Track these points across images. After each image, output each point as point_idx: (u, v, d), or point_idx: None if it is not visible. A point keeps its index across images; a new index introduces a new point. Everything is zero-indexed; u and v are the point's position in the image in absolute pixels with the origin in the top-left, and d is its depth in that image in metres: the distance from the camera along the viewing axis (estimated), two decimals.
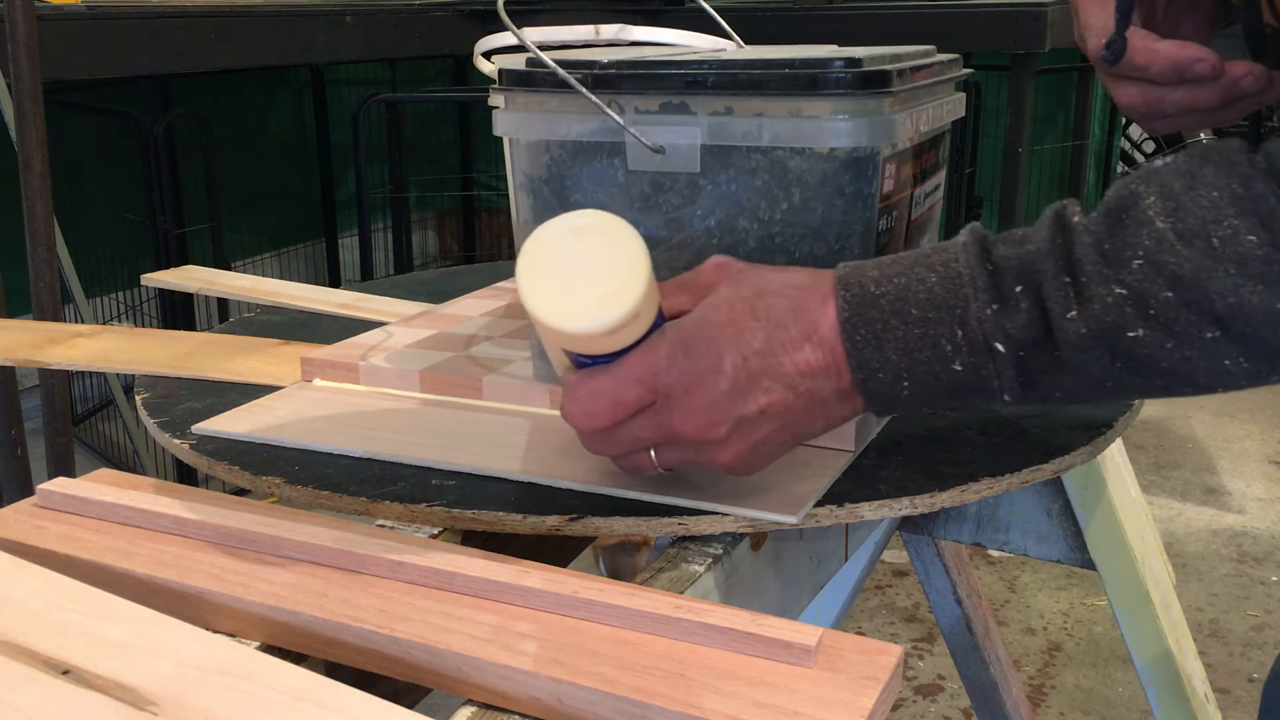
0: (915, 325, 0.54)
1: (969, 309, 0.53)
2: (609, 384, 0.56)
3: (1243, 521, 2.43)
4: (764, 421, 0.56)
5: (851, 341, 0.55)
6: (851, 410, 0.57)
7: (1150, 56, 0.68)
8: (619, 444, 0.58)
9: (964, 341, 0.53)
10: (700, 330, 0.56)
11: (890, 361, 0.55)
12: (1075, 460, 0.67)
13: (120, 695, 0.45)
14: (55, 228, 1.54)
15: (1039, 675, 1.93)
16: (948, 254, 0.55)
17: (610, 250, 0.53)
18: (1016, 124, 2.94)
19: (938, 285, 0.54)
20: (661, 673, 0.47)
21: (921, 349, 0.54)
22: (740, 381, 0.55)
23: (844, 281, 0.56)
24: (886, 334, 0.54)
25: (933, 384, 0.55)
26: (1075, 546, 0.88)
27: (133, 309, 2.78)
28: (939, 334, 0.54)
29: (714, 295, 0.58)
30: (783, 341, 0.55)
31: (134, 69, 2.23)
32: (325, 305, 1.03)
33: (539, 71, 0.69)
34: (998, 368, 0.53)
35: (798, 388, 0.56)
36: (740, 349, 0.55)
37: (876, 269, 0.56)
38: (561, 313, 0.52)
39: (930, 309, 0.54)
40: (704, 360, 0.55)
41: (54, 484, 0.64)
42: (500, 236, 3.97)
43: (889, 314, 0.54)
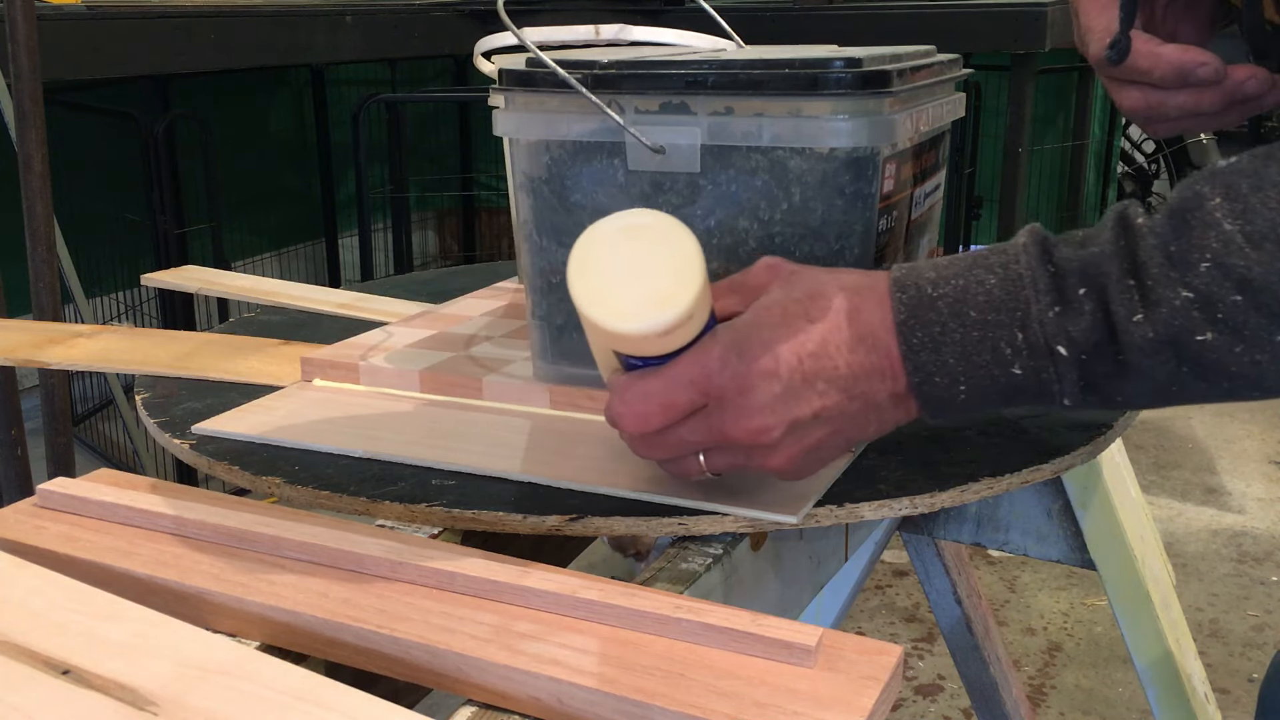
0: (974, 328, 0.53)
1: (1030, 311, 0.52)
2: (660, 386, 0.55)
3: (1243, 521, 2.43)
4: (817, 425, 0.55)
5: (908, 344, 0.54)
6: (905, 414, 0.57)
7: (1153, 60, 0.68)
8: (668, 448, 0.57)
9: (1024, 344, 0.53)
10: (754, 332, 0.55)
11: (947, 365, 0.54)
12: (1075, 460, 0.67)
13: (120, 695, 0.45)
14: (55, 228, 1.54)
15: (1039, 675, 1.93)
16: (1007, 255, 0.54)
17: (664, 249, 0.52)
18: (1016, 124, 2.94)
19: (997, 287, 0.53)
20: (661, 673, 0.47)
21: (980, 352, 0.53)
22: (795, 384, 0.54)
23: (900, 283, 0.55)
24: (944, 337, 0.54)
25: (990, 388, 0.54)
26: (1075, 546, 0.88)
27: (133, 309, 2.78)
28: (998, 337, 0.53)
29: (766, 296, 0.57)
30: (838, 344, 0.55)
31: (134, 69, 2.23)
32: (325, 305, 1.03)
33: (539, 71, 0.69)
34: (1059, 371, 0.53)
35: (852, 390, 0.55)
36: (795, 351, 0.54)
37: (933, 270, 0.55)
38: (615, 313, 0.51)
39: (990, 311, 0.53)
40: (758, 362, 0.54)
41: (54, 484, 0.64)
42: (500, 236, 3.97)
43: (947, 316, 0.54)
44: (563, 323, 0.74)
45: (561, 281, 0.73)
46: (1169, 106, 0.70)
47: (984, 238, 3.47)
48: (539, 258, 0.73)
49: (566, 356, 0.75)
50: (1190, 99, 0.69)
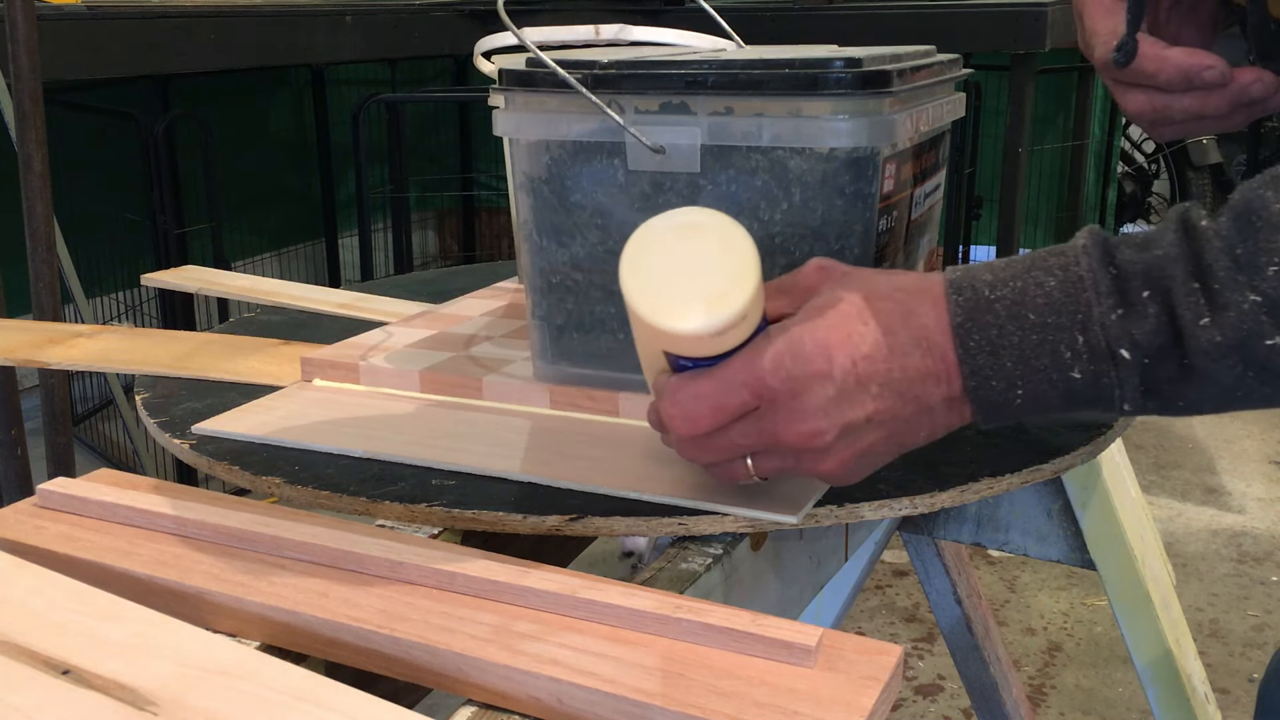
0: (1033, 331, 0.52)
1: (1091, 314, 0.51)
2: (712, 388, 0.54)
3: (1243, 521, 2.43)
4: (870, 429, 0.55)
5: (964, 347, 0.53)
6: (959, 419, 0.56)
7: (1159, 64, 0.68)
8: (717, 451, 0.57)
9: (1085, 348, 0.52)
10: (807, 333, 0.54)
11: (1005, 369, 0.53)
12: (1075, 460, 0.67)
13: (120, 695, 0.45)
14: (55, 228, 1.54)
15: (1039, 675, 1.93)
16: (1066, 257, 0.53)
17: (718, 248, 0.51)
18: (1016, 124, 2.94)
19: (1057, 289, 0.52)
20: (661, 673, 0.47)
21: (1039, 356, 0.52)
22: (848, 387, 0.54)
23: (956, 285, 0.54)
24: (1002, 340, 0.53)
25: (1048, 392, 0.53)
26: (1075, 546, 0.88)
27: (133, 309, 2.78)
28: (1058, 340, 0.52)
29: (818, 298, 0.56)
30: (891, 346, 0.54)
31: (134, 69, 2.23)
32: (325, 305, 1.03)
33: (539, 71, 0.69)
34: (1120, 376, 0.52)
35: (906, 395, 0.54)
36: (849, 353, 0.54)
37: (989, 272, 0.54)
38: (668, 313, 0.50)
39: (1049, 314, 0.52)
40: (812, 364, 0.53)
41: (54, 484, 0.64)
42: (500, 236, 3.97)
43: (1005, 319, 0.53)
44: (563, 323, 0.74)
45: (561, 281, 0.73)
46: (1174, 110, 0.70)
47: (984, 238, 3.47)
48: (539, 258, 0.73)
49: (566, 356, 0.75)
50: (1196, 102, 0.69)
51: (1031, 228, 3.63)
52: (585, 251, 0.72)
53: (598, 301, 0.72)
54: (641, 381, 0.73)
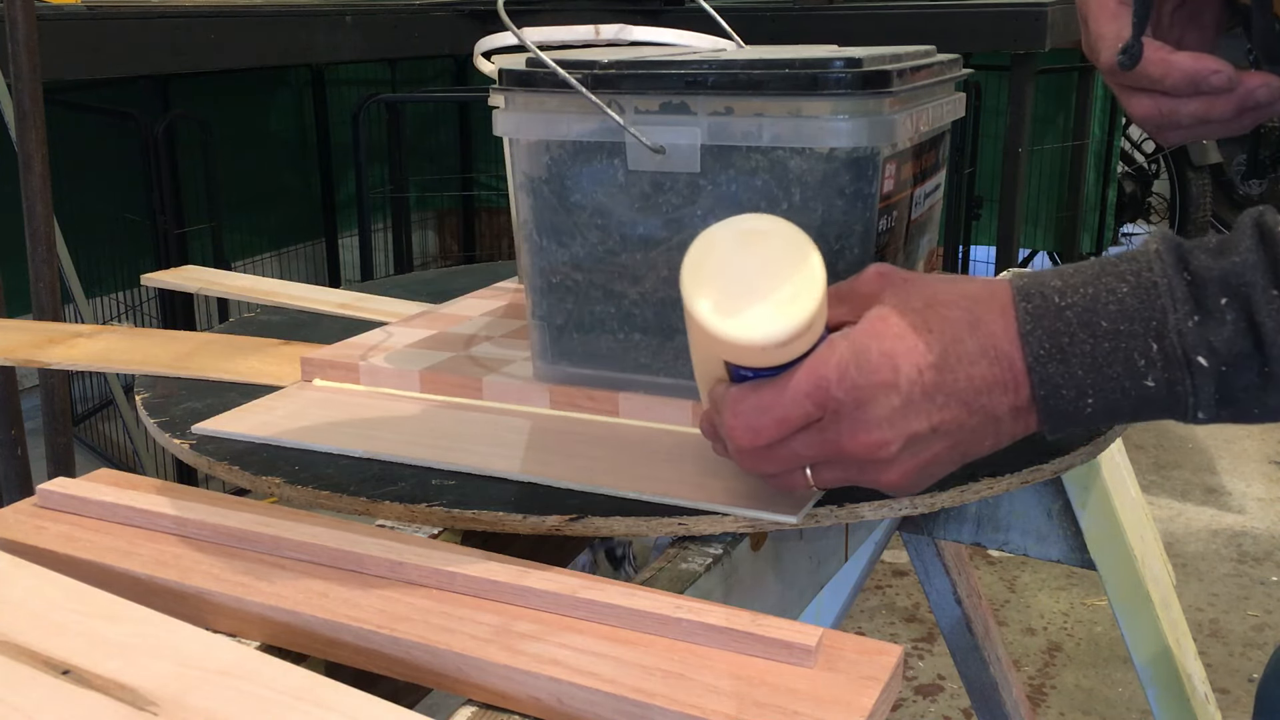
0: (1105, 338, 0.51)
1: (1167, 321, 0.50)
2: (776, 398, 0.53)
3: (1243, 521, 2.43)
4: (935, 440, 0.54)
5: (1034, 356, 0.52)
6: (1024, 428, 0.55)
7: (1165, 68, 0.68)
8: (777, 462, 0.56)
9: (1159, 356, 0.51)
10: (871, 342, 0.53)
11: (1076, 377, 0.52)
12: (1075, 460, 0.67)
13: (120, 695, 0.45)
14: (55, 228, 1.53)
15: (1039, 675, 1.93)
16: (1139, 263, 0.52)
17: (783, 255, 0.50)
18: (1016, 124, 2.94)
19: (1130, 296, 0.51)
20: (661, 673, 0.47)
21: (1111, 364, 0.51)
22: (914, 397, 0.53)
23: (1024, 292, 0.53)
24: (1073, 348, 0.52)
25: (1120, 401, 0.52)
26: (1075, 546, 0.88)
27: (133, 309, 2.78)
28: (1131, 348, 0.51)
29: (880, 306, 0.55)
30: (958, 355, 0.53)
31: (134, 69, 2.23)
32: (325, 305, 1.03)
33: (539, 71, 0.69)
34: (1196, 384, 0.51)
35: (972, 404, 0.53)
36: (914, 362, 0.53)
37: (1058, 279, 0.53)
38: (733, 323, 0.49)
39: (1122, 321, 0.51)
40: (877, 375, 0.52)
41: (54, 484, 0.64)
42: (500, 236, 3.97)
43: (1076, 327, 0.52)
44: (563, 323, 0.74)
45: (561, 281, 0.73)
46: (1180, 114, 0.70)
47: (984, 238, 3.47)
48: (539, 258, 0.73)
49: (566, 356, 0.75)
50: (1202, 106, 0.69)
51: (1031, 228, 3.63)
52: (585, 251, 0.72)
53: (598, 301, 0.72)
54: (641, 382, 0.73)
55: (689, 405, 0.71)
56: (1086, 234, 3.67)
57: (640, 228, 0.70)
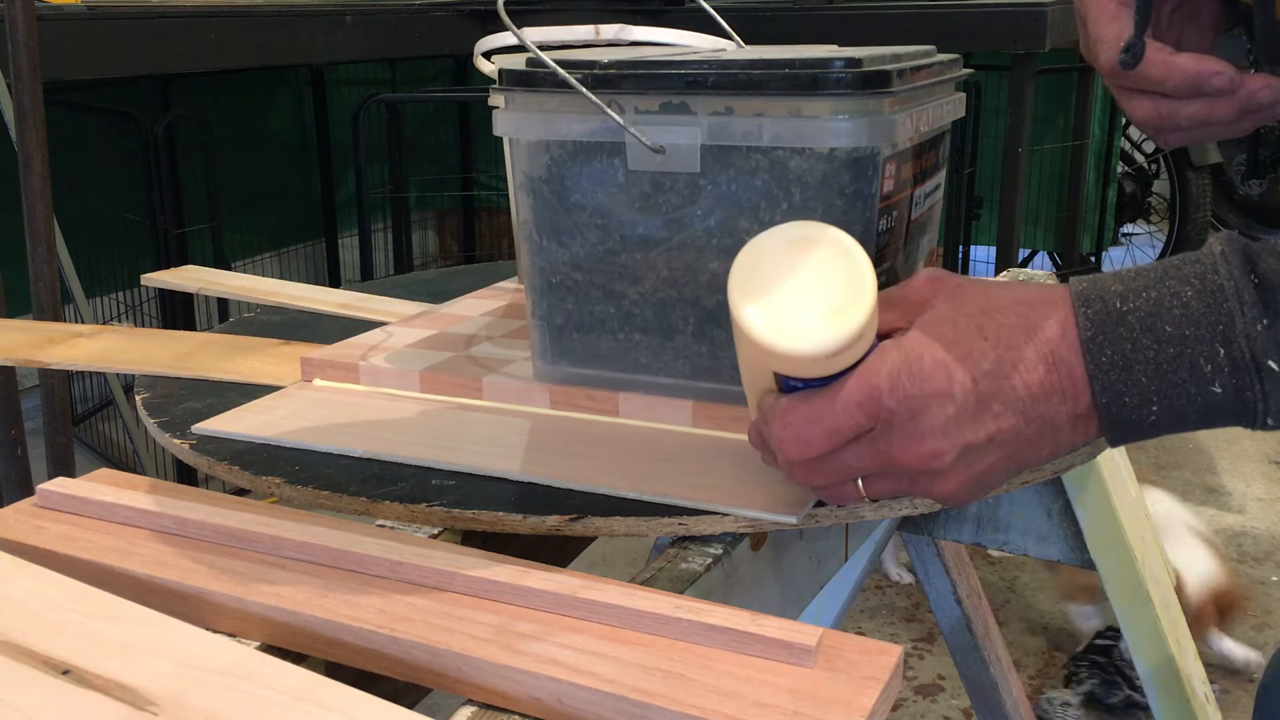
0: (1170, 344, 0.50)
1: (1234, 325, 0.49)
2: (826, 409, 0.52)
3: (1243, 521, 2.43)
4: (991, 450, 0.53)
5: (1096, 363, 0.51)
6: (1084, 436, 0.53)
7: (1167, 70, 0.67)
8: (828, 474, 0.54)
9: (1226, 361, 0.49)
10: (924, 350, 0.52)
11: (1139, 385, 0.50)
12: (1075, 460, 0.67)
13: (120, 695, 0.45)
14: (55, 228, 1.54)
15: (1039, 675, 1.93)
16: (1203, 265, 0.51)
17: (832, 264, 0.49)
18: (1016, 124, 2.94)
19: (1195, 299, 0.50)
20: (661, 673, 0.47)
21: (1177, 370, 0.50)
22: (969, 406, 0.51)
23: (1084, 297, 0.52)
24: (1136, 354, 0.50)
25: (1185, 408, 0.51)
26: (1075, 546, 0.88)
27: (133, 309, 2.78)
28: (1197, 353, 0.49)
29: (932, 312, 0.54)
30: (1014, 362, 0.51)
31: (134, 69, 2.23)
32: (325, 305, 1.03)
33: (539, 71, 0.69)
34: (1266, 389, 0.49)
35: (1030, 413, 0.52)
36: (969, 370, 0.51)
37: (1119, 283, 0.52)
38: (783, 333, 0.49)
39: (1188, 325, 0.50)
40: (931, 383, 0.51)
41: (54, 484, 0.64)
42: (500, 236, 3.98)
43: (1139, 332, 0.50)
44: (563, 323, 0.74)
45: (561, 281, 0.73)
46: (1181, 116, 0.69)
47: (984, 238, 3.47)
48: (539, 258, 0.73)
49: (566, 356, 0.75)
50: (1203, 109, 0.68)
51: (1031, 228, 3.63)
52: (585, 251, 0.72)
53: (598, 301, 0.72)
54: (641, 382, 0.73)
55: (689, 405, 0.71)
56: (1086, 234, 3.67)
57: (640, 228, 0.70)
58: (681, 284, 0.70)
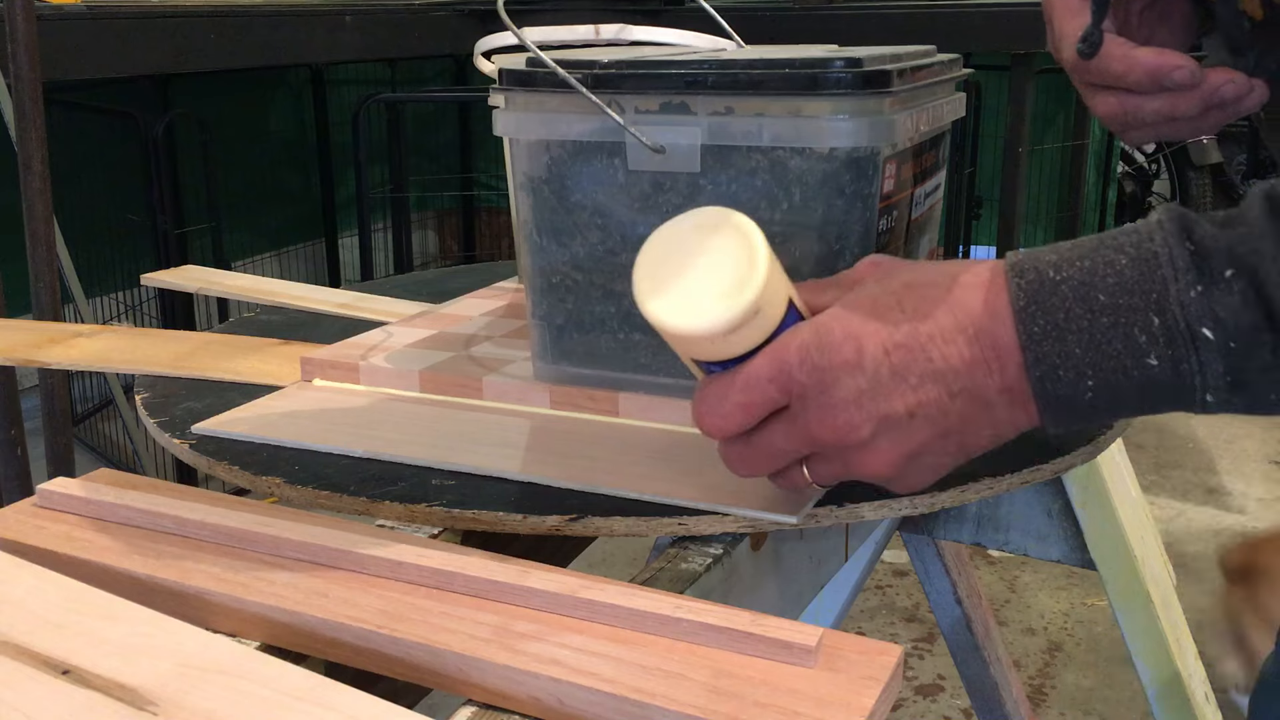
0: (1103, 313, 0.48)
1: (1168, 292, 0.47)
2: (736, 385, 0.52)
3: (1243, 521, 2.43)
4: (916, 425, 0.52)
5: (1028, 333, 0.49)
6: (1025, 417, 0.52)
7: (1128, 64, 0.66)
8: (761, 455, 0.54)
9: (1161, 330, 0.47)
10: (836, 322, 0.52)
11: (1073, 356, 0.49)
12: (1075, 460, 0.67)
13: (120, 695, 0.45)
14: (55, 228, 1.54)
15: (1039, 675, 1.93)
16: (1139, 234, 0.49)
17: (728, 246, 0.50)
18: (1016, 124, 2.94)
19: (1129, 267, 0.48)
20: (661, 673, 0.47)
21: (1111, 340, 0.48)
22: (882, 376, 0.51)
23: (1018, 267, 0.51)
24: (1070, 324, 0.49)
25: (1122, 383, 0.49)
26: (1075, 546, 0.88)
27: (133, 309, 2.78)
28: (1132, 322, 0.48)
29: (858, 290, 0.54)
30: (931, 334, 0.51)
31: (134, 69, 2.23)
32: (325, 305, 1.03)
33: (539, 71, 0.69)
34: (1202, 360, 0.47)
35: (952, 386, 0.51)
36: (880, 342, 0.51)
37: (1054, 253, 0.51)
38: (679, 315, 0.49)
39: (1121, 294, 0.48)
40: (839, 354, 0.51)
41: (54, 484, 0.64)
42: (500, 236, 3.98)
43: (1072, 301, 0.49)
44: (563, 323, 0.74)
45: (561, 281, 0.73)
46: (1145, 112, 0.68)
47: (984, 238, 3.48)
48: (539, 258, 0.73)
49: (566, 356, 0.75)
50: (1166, 104, 0.67)
51: (1031, 228, 3.63)
52: (585, 251, 0.72)
53: (597, 301, 0.72)
54: (641, 382, 0.73)
55: (689, 405, 0.71)
56: (1086, 234, 3.67)
57: (640, 227, 0.70)
58: None
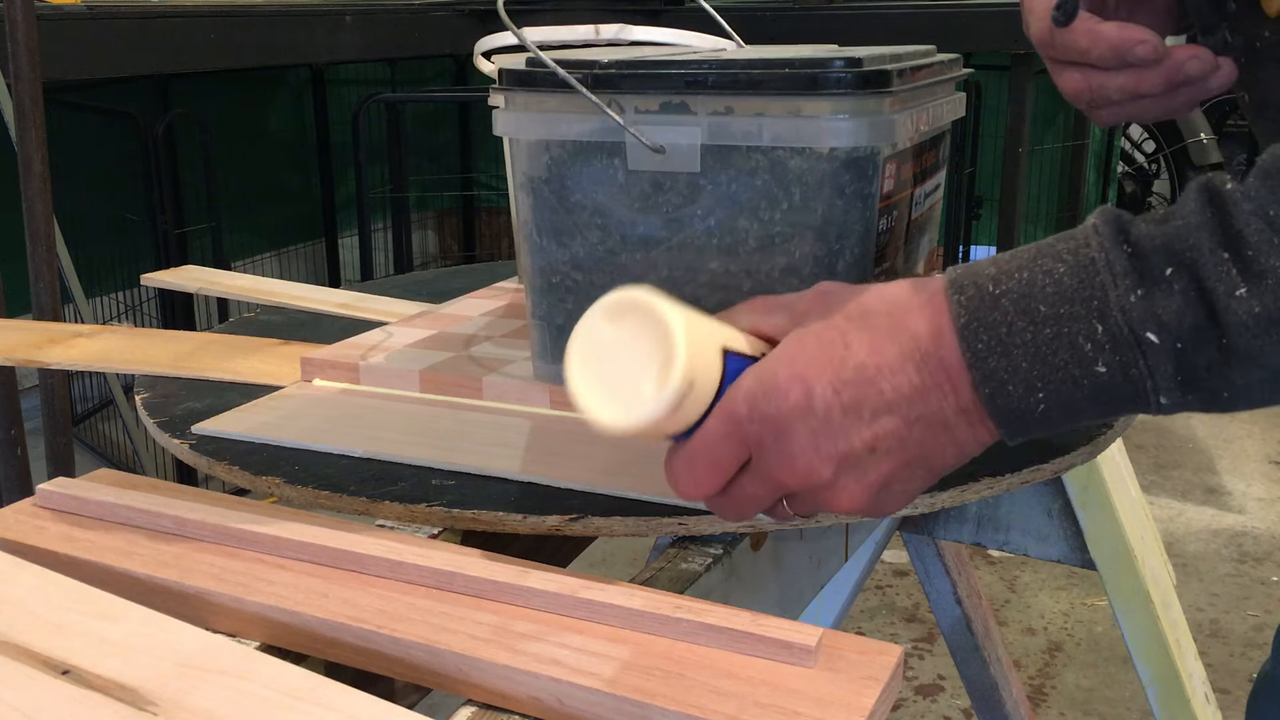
0: (1045, 324, 0.47)
1: (1108, 298, 0.46)
2: (699, 449, 0.51)
3: (1243, 521, 2.43)
4: (878, 458, 0.51)
5: (972, 351, 0.48)
6: (986, 433, 0.51)
7: (1092, 39, 0.65)
8: (742, 504, 0.53)
9: (1105, 338, 0.46)
10: (782, 367, 0.51)
11: (1020, 370, 0.48)
12: (1075, 460, 0.67)
13: (120, 695, 0.45)
14: (55, 228, 1.54)
15: (1039, 675, 1.93)
16: (1076, 240, 0.48)
17: (638, 330, 0.49)
18: (1016, 124, 2.94)
19: (1067, 275, 0.47)
20: (661, 673, 0.47)
21: (1056, 351, 0.47)
22: (834, 416, 0.50)
23: (957, 284, 0.50)
24: (1013, 338, 0.48)
25: (1073, 393, 0.48)
26: (1075, 546, 0.88)
27: (133, 309, 2.78)
28: (1075, 331, 0.47)
29: (800, 328, 0.53)
30: (878, 366, 0.50)
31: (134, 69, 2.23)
32: (325, 305, 1.03)
33: (539, 71, 0.69)
34: (1150, 364, 0.46)
35: (909, 415, 0.50)
36: (829, 381, 0.50)
37: (993, 266, 0.50)
38: (620, 416, 0.49)
39: (1061, 303, 0.47)
40: (787, 400, 0.50)
41: (54, 484, 0.64)
42: (500, 236, 3.98)
43: (1014, 315, 0.48)
44: (563, 323, 0.74)
45: (561, 281, 0.73)
46: (1110, 89, 0.66)
47: (984, 238, 3.48)
48: (539, 258, 0.73)
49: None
50: (1130, 80, 0.65)
51: (1031, 227, 3.63)
52: (585, 251, 0.72)
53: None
54: None
55: None
56: None
57: (640, 227, 0.70)
58: (681, 284, 0.70)
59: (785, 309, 0.55)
